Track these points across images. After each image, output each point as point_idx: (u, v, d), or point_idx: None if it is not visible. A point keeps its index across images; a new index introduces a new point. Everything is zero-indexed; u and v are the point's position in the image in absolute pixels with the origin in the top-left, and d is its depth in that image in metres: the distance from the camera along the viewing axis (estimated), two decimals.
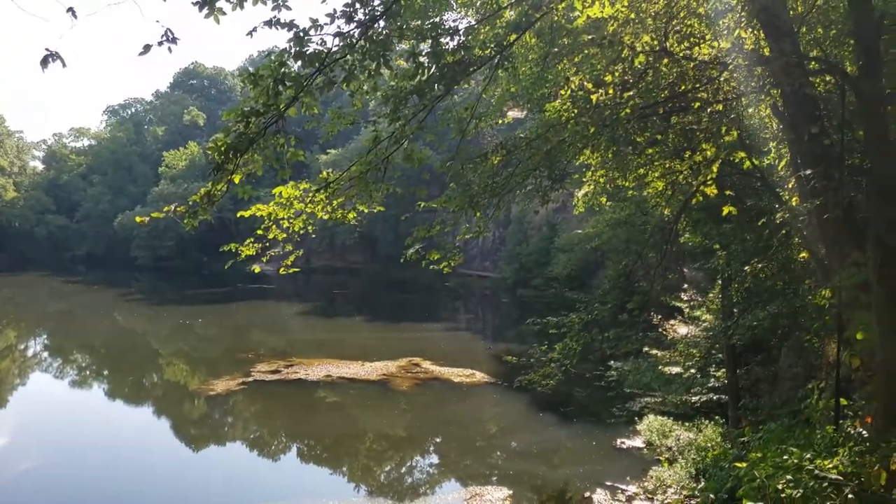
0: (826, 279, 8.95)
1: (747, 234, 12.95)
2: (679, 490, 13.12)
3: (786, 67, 7.55)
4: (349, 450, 18.45)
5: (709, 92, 9.73)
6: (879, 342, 6.95)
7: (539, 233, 50.70)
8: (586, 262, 39.40)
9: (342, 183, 7.26)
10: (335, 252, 69.60)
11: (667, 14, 9.12)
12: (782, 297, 12.97)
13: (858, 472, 6.54)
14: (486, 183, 9.35)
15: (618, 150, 11.64)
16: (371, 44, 6.30)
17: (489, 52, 7.78)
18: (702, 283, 20.31)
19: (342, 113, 7.09)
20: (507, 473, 15.80)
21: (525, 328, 28.29)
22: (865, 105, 7.11)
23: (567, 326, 14.29)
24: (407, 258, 8.73)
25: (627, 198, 17.88)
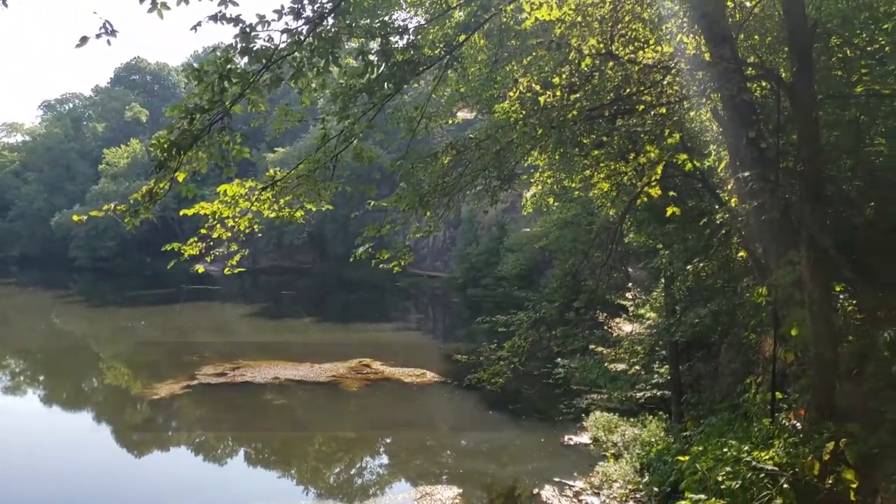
0: (763, 277, 9.28)
1: (689, 234, 13.32)
2: (624, 484, 13.41)
3: (725, 72, 7.81)
4: (298, 452, 18.22)
5: (653, 95, 9.96)
6: (812, 338, 7.24)
7: (489, 233, 51.06)
8: (535, 262, 39.90)
9: (290, 181, 7.17)
10: (283, 252, 68.50)
11: (612, 18, 9.31)
12: (722, 295, 13.39)
13: (793, 463, 6.80)
14: (436, 182, 9.38)
15: (565, 151, 11.83)
16: (319, 41, 6.25)
17: (438, 52, 7.82)
18: (646, 281, 20.80)
19: (290, 110, 7.01)
20: (457, 472, 15.86)
21: (475, 327, 28.48)
22: (799, 110, 7.40)
23: (515, 325, 14.44)
24: (357, 257, 8.68)
25: (574, 198, 18.17)
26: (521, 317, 14.53)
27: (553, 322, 15.28)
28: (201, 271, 8.71)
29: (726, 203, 10.96)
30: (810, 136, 7.30)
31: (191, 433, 20.18)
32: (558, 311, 15.28)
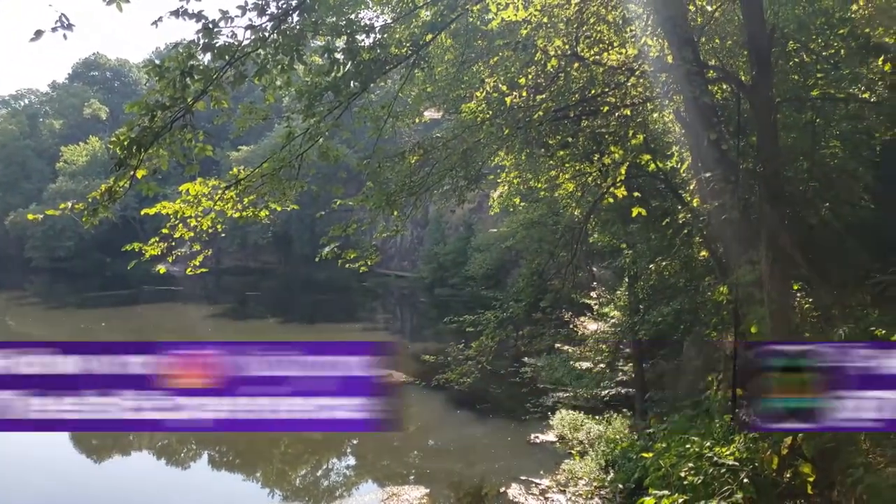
0: (724, 276, 9.48)
1: (652, 234, 13.52)
2: (590, 482, 13.55)
3: (687, 75, 7.95)
4: (263, 455, 18.00)
5: (617, 96, 10.09)
6: (771, 335, 7.41)
7: (456, 232, 51.14)
8: (502, 262, 40.07)
9: (254, 180, 7.08)
10: (247, 252, 67.63)
11: (577, 20, 9.40)
12: (684, 293, 13.62)
13: (752, 458, 6.95)
14: (403, 182, 9.36)
15: (531, 152, 11.93)
16: (284, 38, 6.18)
17: (405, 51, 7.79)
18: (610, 281, 21.06)
19: (254, 108, 6.91)
20: (425, 472, 15.85)
21: (442, 327, 28.46)
22: (758, 113, 7.57)
23: (483, 324, 14.51)
24: (323, 257, 8.61)
25: (540, 199, 18.30)
26: (488, 316, 14.60)
27: (520, 321, 15.40)
28: (163, 272, 8.55)
29: (688, 203, 11.16)
30: (769, 137, 7.48)
31: (152, 437, 19.77)
32: (525, 310, 15.38)
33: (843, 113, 9.28)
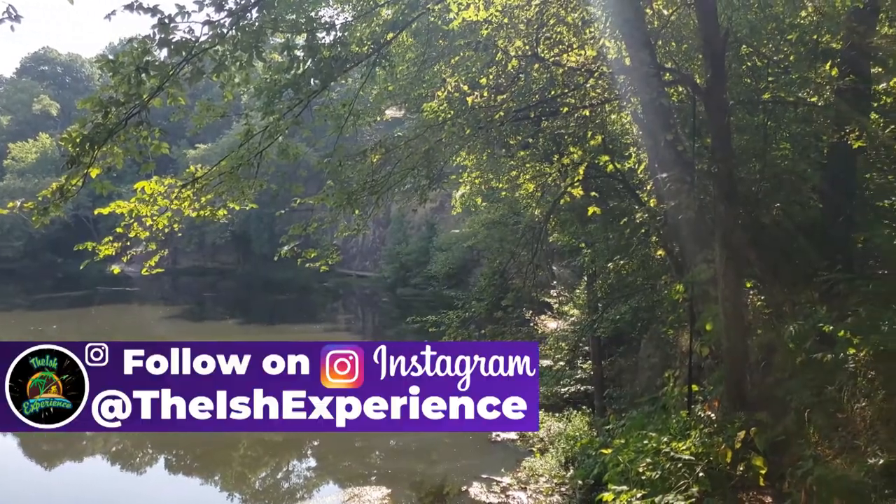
0: (680, 275, 9.68)
1: (610, 234, 13.72)
2: (550, 478, 13.70)
3: (645, 77, 8.09)
4: (221, 458, 17.70)
5: (576, 98, 10.21)
6: (725, 332, 7.59)
7: (419, 232, 51.09)
8: (464, 261, 40.19)
9: (212, 178, 6.96)
10: (205, 252, 66.43)
11: (538, 21, 9.48)
12: (642, 292, 13.86)
13: (708, 452, 7.09)
14: (364, 181, 9.31)
15: (492, 152, 12.01)
16: (243, 34, 6.09)
17: (366, 49, 7.76)
18: (569, 279, 21.31)
19: (211, 105, 6.79)
20: (386, 472, 15.81)
21: (405, 327, 28.40)
22: (713, 115, 7.74)
23: (445, 324, 14.54)
24: (282, 256, 8.51)
25: (501, 199, 18.43)
26: (450, 316, 14.65)
27: (482, 321, 15.48)
28: (117, 272, 8.35)
29: (645, 203, 11.35)
30: (723, 139, 7.65)
31: (106, 441, 19.28)
32: (487, 309, 15.48)
33: (793, 116, 9.55)
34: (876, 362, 6.09)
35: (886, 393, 5.78)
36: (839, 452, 5.94)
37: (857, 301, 7.34)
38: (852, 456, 5.69)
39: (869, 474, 5.27)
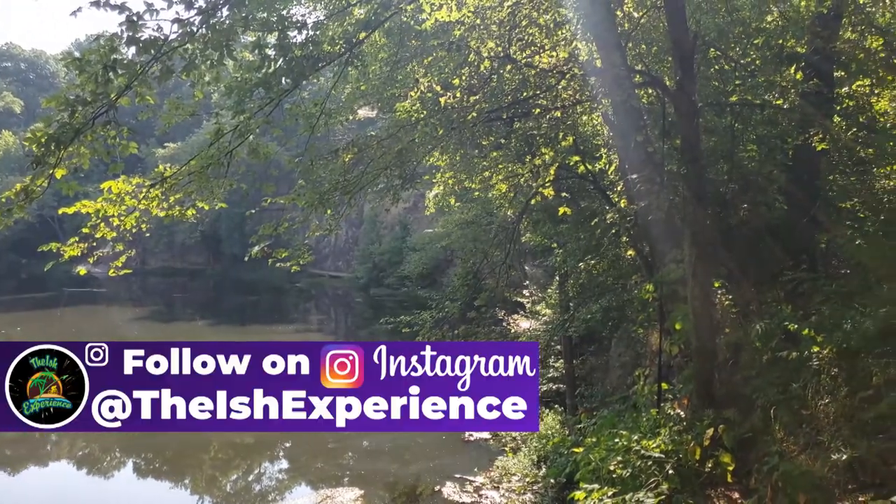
0: (650, 275, 9.80)
1: (581, 234, 13.84)
2: (523, 477, 13.77)
3: (616, 79, 8.18)
4: (192, 461, 17.47)
5: (548, 99, 10.27)
6: (694, 331, 7.71)
7: (392, 232, 50.96)
8: (437, 261, 40.18)
9: (181, 178, 6.86)
10: (174, 252, 65.51)
11: (510, 22, 9.52)
12: (612, 291, 14.00)
13: (677, 450, 7.17)
14: (336, 180, 9.26)
15: (465, 152, 12.04)
16: (213, 33, 6.01)
17: (338, 48, 7.71)
18: (542, 279, 21.44)
19: (181, 104, 6.70)
20: (359, 473, 15.76)
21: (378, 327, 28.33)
22: (682, 116, 7.85)
23: (419, 324, 14.53)
24: (252, 256, 8.42)
25: (474, 199, 18.48)
26: (424, 316, 14.65)
27: (455, 321, 15.50)
28: (83, 273, 8.19)
29: (616, 204, 11.47)
30: (692, 141, 7.75)
31: (73, 445, 18.91)
32: (460, 309, 15.51)
33: (760, 118, 9.73)
34: (838, 360, 6.23)
35: (849, 390, 5.92)
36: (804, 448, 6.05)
37: (821, 300, 7.51)
38: (816, 451, 5.81)
39: (832, 469, 5.39)
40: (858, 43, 8.97)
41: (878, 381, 5.67)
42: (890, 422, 5.35)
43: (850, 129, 9.25)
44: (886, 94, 9.19)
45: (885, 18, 8.86)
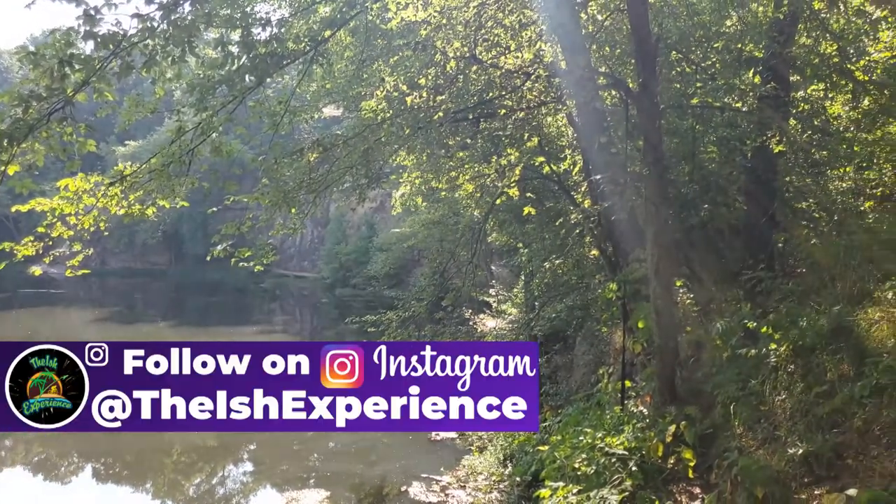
0: (613, 274, 9.93)
1: (546, 234, 13.97)
2: (489, 476, 13.81)
3: (580, 80, 8.27)
4: (153, 465, 17.12)
5: (513, 100, 10.34)
6: (656, 329, 7.83)
7: (358, 232, 50.71)
8: (404, 261, 40.14)
9: (141, 176, 6.72)
10: (135, 253, 64.17)
11: (475, 23, 9.56)
12: (576, 290, 14.16)
13: (641, 447, 7.28)
14: (301, 179, 9.18)
15: (431, 152, 12.04)
16: (175, 29, 5.90)
17: (303, 46, 7.64)
18: (507, 279, 21.57)
19: (141, 101, 6.56)
20: (325, 475, 15.63)
21: (344, 327, 28.14)
22: (644, 118, 7.97)
23: (385, 324, 14.49)
24: (215, 256, 8.30)
25: (441, 199, 18.50)
26: (390, 316, 14.61)
27: (422, 320, 15.50)
28: (38, 273, 7.98)
29: (580, 204, 11.60)
30: (655, 142, 7.87)
31: (28, 451, 18.38)
32: (427, 309, 15.51)
33: (720, 120, 9.93)
34: (794, 356, 6.38)
35: (804, 385, 6.06)
36: (762, 443, 6.18)
37: (778, 298, 7.69)
38: (774, 446, 5.94)
39: (789, 463, 5.52)
40: (813, 48, 9.22)
41: (832, 377, 5.82)
42: (843, 416, 5.49)
43: (805, 131, 9.50)
44: (839, 99, 9.47)
45: (838, 24, 9.11)
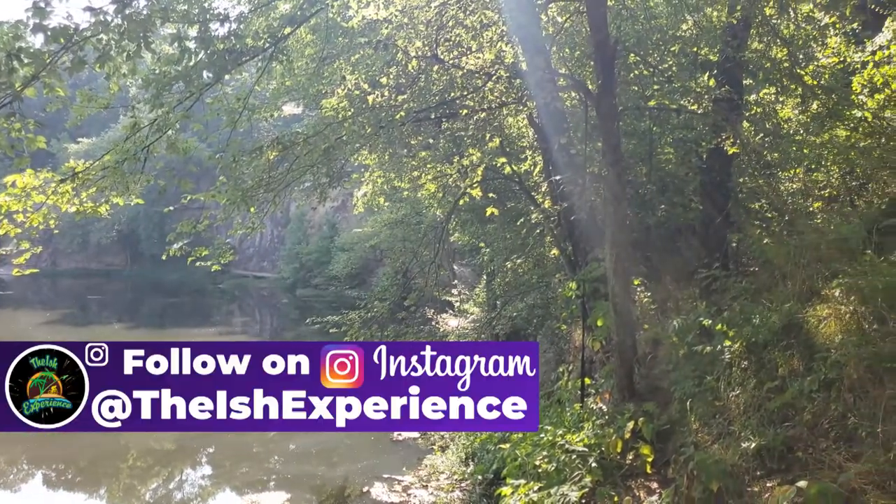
0: (573, 273, 10.04)
1: (508, 234, 14.06)
2: (451, 475, 13.84)
3: (540, 82, 8.35)
4: (108, 470, 16.69)
5: (475, 100, 10.38)
6: (614, 327, 7.95)
7: (319, 231, 50.28)
8: (366, 261, 39.93)
9: (94, 173, 6.54)
10: (89, 253, 62.48)
11: (437, 23, 9.57)
12: (537, 289, 14.29)
13: (600, 443, 7.37)
14: (260, 177, 9.05)
15: (394, 152, 12.01)
16: (130, 23, 5.77)
17: (263, 43, 7.54)
18: (469, 278, 21.64)
19: (94, 96, 6.39)
20: (286, 477, 15.46)
21: (305, 329, 27.84)
22: (603, 120, 8.08)
23: (347, 325, 14.40)
24: (171, 255, 8.13)
25: (403, 198, 18.47)
26: (352, 317, 14.52)
27: (384, 320, 15.44)
28: None
29: (541, 204, 11.70)
30: (613, 143, 7.98)
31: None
32: (389, 309, 15.46)
33: (676, 122, 10.13)
34: (748, 353, 6.55)
35: (757, 381, 6.22)
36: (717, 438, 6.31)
37: (733, 296, 7.87)
38: (728, 441, 6.08)
39: (742, 457, 5.65)
40: (765, 53, 9.47)
41: (783, 372, 5.98)
42: (793, 410, 5.65)
43: (757, 134, 9.75)
44: (790, 102, 9.75)
45: (788, 30, 9.38)
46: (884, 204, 7.25)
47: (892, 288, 5.37)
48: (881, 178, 8.02)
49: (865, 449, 4.79)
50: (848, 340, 5.44)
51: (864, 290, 5.58)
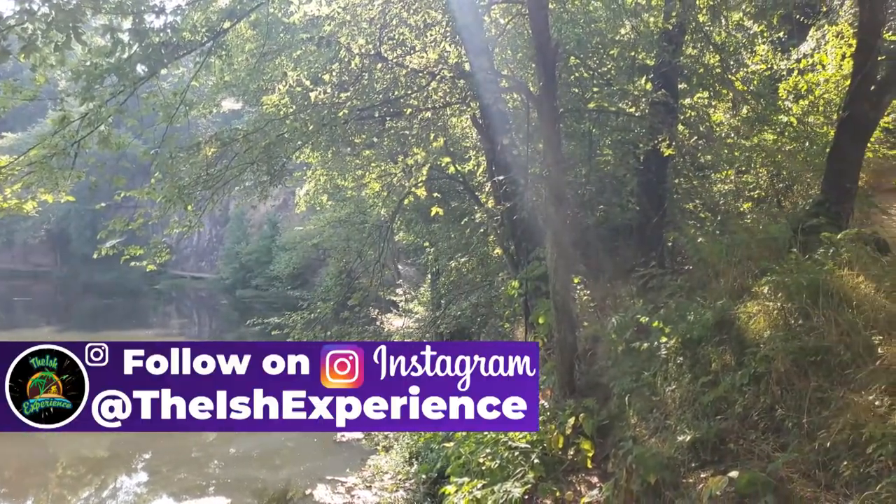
0: (515, 272, 10.17)
1: (452, 233, 14.12)
2: (395, 475, 13.80)
3: (483, 82, 8.42)
4: (36, 480, 15.96)
5: (419, 99, 10.37)
6: (555, 325, 8.07)
7: (260, 231, 49.31)
8: (308, 261, 39.39)
9: (18, 168, 6.25)
10: (14, 253, 59.65)
11: (380, 21, 9.52)
12: (481, 288, 14.39)
13: (542, 439, 7.48)
14: (198, 175, 8.82)
15: (337, 150, 11.89)
16: (58, 13, 5.53)
17: (201, 37, 7.35)
18: (414, 278, 21.63)
19: (18, 87, 6.10)
20: (226, 482, 15.11)
21: (245, 330, 27.25)
22: (544, 121, 8.19)
23: (289, 326, 14.18)
24: (103, 254, 7.83)
25: (347, 197, 18.31)
26: (294, 318, 14.30)
27: (328, 321, 15.28)
28: None
29: (484, 204, 11.79)
30: (554, 145, 8.10)
31: None
32: (333, 309, 15.30)
33: (615, 125, 10.37)
34: (683, 349, 6.74)
35: (692, 376, 6.42)
36: (654, 432, 6.48)
37: (668, 294, 8.10)
38: (665, 434, 6.25)
39: (678, 450, 5.82)
40: (698, 58, 9.79)
41: (717, 367, 6.19)
42: (726, 403, 5.85)
43: (692, 136, 10.08)
44: (721, 107, 10.11)
45: (720, 37, 9.72)
46: (808, 205, 7.58)
47: (815, 285, 5.62)
48: (805, 181, 8.40)
49: (792, 439, 4.99)
50: (775, 335, 5.67)
51: (790, 287, 5.82)
